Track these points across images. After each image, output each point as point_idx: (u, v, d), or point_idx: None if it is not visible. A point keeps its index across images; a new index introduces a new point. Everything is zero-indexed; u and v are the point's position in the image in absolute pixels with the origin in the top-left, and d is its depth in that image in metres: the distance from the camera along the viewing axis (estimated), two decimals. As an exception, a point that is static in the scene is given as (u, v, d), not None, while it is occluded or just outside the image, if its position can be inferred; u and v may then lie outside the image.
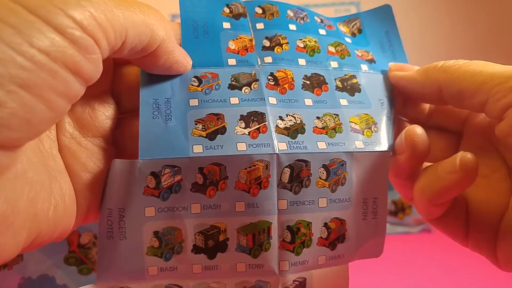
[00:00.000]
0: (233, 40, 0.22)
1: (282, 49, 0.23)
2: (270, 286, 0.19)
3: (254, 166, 0.18)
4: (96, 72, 0.14)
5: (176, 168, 0.18)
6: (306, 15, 0.24)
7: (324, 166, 0.19)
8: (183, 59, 0.19)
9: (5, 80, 0.12)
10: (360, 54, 0.24)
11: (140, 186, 0.17)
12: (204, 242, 0.18)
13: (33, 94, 0.13)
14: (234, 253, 0.18)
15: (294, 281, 0.19)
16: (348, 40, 0.24)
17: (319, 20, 0.24)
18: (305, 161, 0.19)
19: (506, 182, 0.19)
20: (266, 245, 0.18)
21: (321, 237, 0.19)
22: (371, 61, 0.24)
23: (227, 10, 0.24)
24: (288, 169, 0.18)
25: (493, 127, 0.18)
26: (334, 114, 0.20)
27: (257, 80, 0.21)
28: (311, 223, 0.19)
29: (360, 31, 0.25)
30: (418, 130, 0.18)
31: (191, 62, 0.20)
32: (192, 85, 0.20)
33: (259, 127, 0.19)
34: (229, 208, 0.18)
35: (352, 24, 0.25)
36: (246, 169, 0.18)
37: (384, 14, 0.26)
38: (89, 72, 0.14)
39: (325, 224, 0.19)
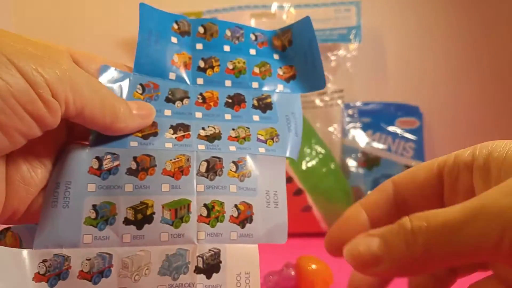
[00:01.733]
0: (178, 54, 0.27)
1: (213, 71, 0.27)
2: (189, 253, 0.22)
3: (178, 158, 0.23)
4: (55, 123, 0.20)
5: (115, 155, 0.23)
6: (242, 33, 0.28)
7: (233, 162, 0.24)
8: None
9: None
10: (281, 73, 0.28)
11: (86, 165, 0.22)
12: (134, 216, 0.22)
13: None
14: (159, 225, 0.22)
15: (209, 250, 0.22)
16: (276, 56, 0.29)
17: (253, 38, 0.29)
18: (219, 158, 0.24)
19: None
20: (186, 218, 0.22)
21: (232, 215, 0.23)
22: (290, 78, 0.28)
23: (175, 26, 0.28)
24: (205, 162, 0.24)
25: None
26: (246, 127, 0.26)
27: (189, 97, 0.26)
28: (224, 203, 0.23)
29: (290, 42, 0.29)
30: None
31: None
32: (137, 92, 0.25)
33: (184, 134, 0.25)
34: (156, 188, 0.22)
35: (285, 36, 0.29)
36: (171, 160, 0.23)
37: (307, 25, 0.28)
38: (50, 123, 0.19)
39: (236, 206, 0.23)
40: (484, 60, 0.65)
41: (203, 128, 0.25)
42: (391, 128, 0.61)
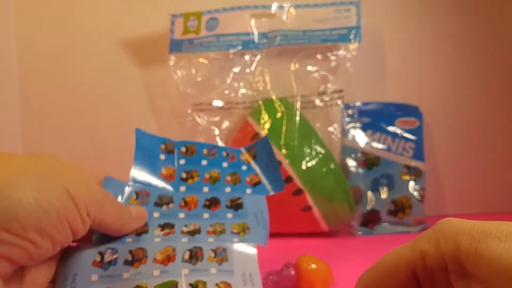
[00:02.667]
0: (165, 167, 0.34)
1: (193, 181, 0.34)
2: None
3: (165, 249, 0.28)
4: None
5: (114, 250, 0.28)
6: (216, 151, 0.36)
7: (212, 250, 0.29)
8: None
9: None
10: (249, 180, 0.35)
11: (90, 259, 0.27)
12: None
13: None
14: None
15: None
16: (244, 167, 0.36)
17: (225, 154, 0.36)
18: (200, 247, 0.29)
19: None
20: None
21: None
22: (256, 183, 0.35)
23: (163, 146, 0.36)
24: (188, 251, 0.28)
25: None
26: (222, 223, 0.31)
27: (173, 202, 0.32)
28: (206, 282, 0.27)
29: (254, 157, 0.36)
30: None
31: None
32: (132, 198, 0.31)
33: (170, 231, 0.30)
34: (148, 273, 0.27)
35: (250, 152, 0.37)
36: (160, 251, 0.28)
37: (267, 143, 0.36)
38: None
39: (216, 284, 0.27)
40: (484, 60, 0.66)
41: (185, 226, 0.31)
42: (390, 128, 0.62)
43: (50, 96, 0.66)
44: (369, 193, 0.60)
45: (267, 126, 0.57)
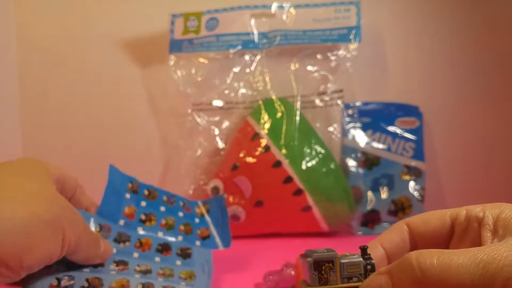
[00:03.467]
0: (128, 206, 0.37)
1: (151, 224, 0.38)
2: None
3: (120, 280, 0.31)
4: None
5: (71, 277, 0.30)
6: (174, 200, 0.40)
7: (163, 286, 0.32)
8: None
9: None
10: (200, 232, 0.39)
11: (47, 283, 0.29)
12: None
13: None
14: None
15: None
16: (197, 220, 0.40)
17: (182, 204, 0.40)
18: (152, 283, 0.32)
19: None
20: None
21: None
22: (206, 237, 0.39)
23: (130, 185, 0.38)
24: (141, 284, 0.31)
25: None
26: (171, 268, 0.35)
27: (130, 241, 0.35)
28: None
29: (208, 211, 0.41)
30: None
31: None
32: (96, 230, 0.34)
33: (124, 267, 0.33)
34: None
35: (205, 207, 0.41)
36: (115, 280, 0.31)
37: (221, 201, 0.41)
38: None
39: None
40: (485, 60, 0.65)
41: (138, 265, 0.33)
42: (391, 128, 0.62)
43: (50, 96, 0.66)
44: (369, 193, 0.60)
45: (267, 126, 0.57)
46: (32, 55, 0.66)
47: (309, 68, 0.61)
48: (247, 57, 0.62)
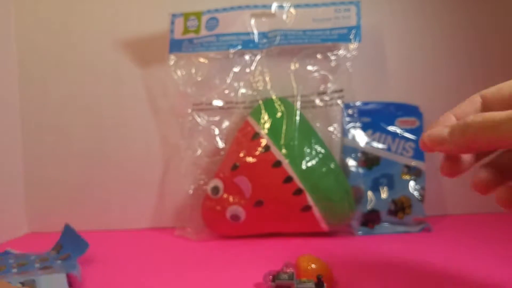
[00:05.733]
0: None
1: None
2: None
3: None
4: None
5: None
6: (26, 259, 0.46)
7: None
8: None
9: None
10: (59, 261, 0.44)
11: None
12: None
13: None
14: None
15: None
16: (54, 257, 0.46)
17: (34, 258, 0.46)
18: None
19: None
20: None
21: None
22: (48, 267, 0.42)
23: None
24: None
25: None
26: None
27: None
28: None
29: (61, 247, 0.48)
30: None
31: None
32: None
33: None
34: None
35: (57, 247, 0.48)
36: None
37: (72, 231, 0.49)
38: None
39: None
40: (485, 60, 0.65)
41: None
42: (391, 128, 0.62)
43: (50, 96, 0.66)
44: (369, 193, 0.60)
45: (267, 125, 0.57)
46: (32, 55, 0.66)
47: (309, 68, 0.61)
48: (247, 57, 0.62)
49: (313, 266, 0.39)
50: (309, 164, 0.54)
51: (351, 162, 0.60)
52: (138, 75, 0.65)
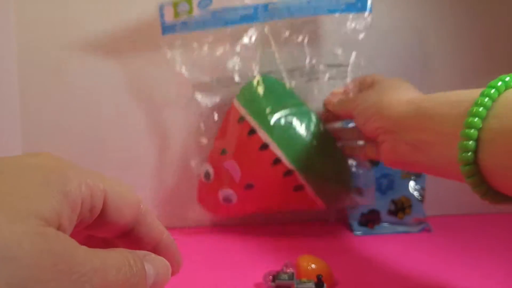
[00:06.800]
0: None
1: None
2: None
3: None
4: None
5: None
6: None
7: None
8: None
9: None
10: None
11: None
12: None
13: None
14: None
15: None
16: None
17: None
18: None
19: None
20: None
21: None
22: None
23: None
24: None
25: None
26: None
27: None
28: None
29: None
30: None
31: None
32: None
33: None
34: None
35: None
36: None
37: None
38: None
39: None
40: (486, 60, 0.65)
41: None
42: (391, 128, 0.61)
43: (50, 96, 0.66)
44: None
45: (252, 108, 0.55)
46: (32, 55, 0.66)
47: (314, 40, 0.59)
48: (246, 33, 0.58)
49: (313, 266, 0.39)
50: (284, 121, 0.53)
51: (351, 162, 0.60)
52: (136, 70, 0.65)
